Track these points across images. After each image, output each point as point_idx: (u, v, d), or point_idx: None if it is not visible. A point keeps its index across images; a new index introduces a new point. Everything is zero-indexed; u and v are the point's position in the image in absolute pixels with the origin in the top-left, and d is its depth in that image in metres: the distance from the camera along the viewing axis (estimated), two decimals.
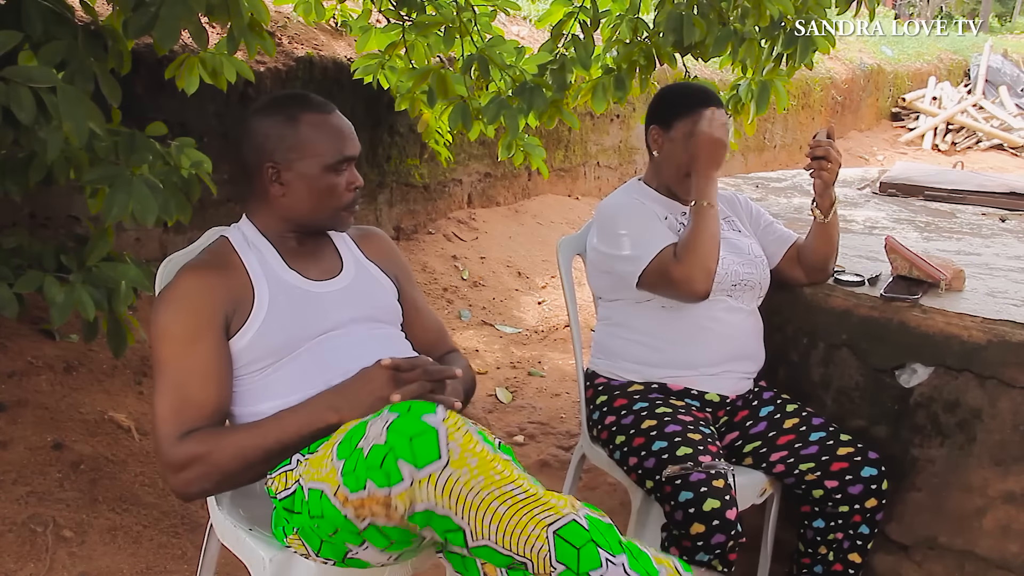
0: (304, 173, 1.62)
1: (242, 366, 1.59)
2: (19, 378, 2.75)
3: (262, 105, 1.66)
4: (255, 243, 1.67)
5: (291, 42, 4.15)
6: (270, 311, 1.60)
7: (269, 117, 1.63)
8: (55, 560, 2.12)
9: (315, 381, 1.57)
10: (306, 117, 1.62)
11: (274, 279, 1.64)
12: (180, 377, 1.53)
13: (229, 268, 1.62)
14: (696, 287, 1.95)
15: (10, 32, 1.84)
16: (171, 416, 1.51)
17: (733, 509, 1.80)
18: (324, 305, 1.66)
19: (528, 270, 5.05)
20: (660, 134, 2.12)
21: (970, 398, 1.96)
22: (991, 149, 10.19)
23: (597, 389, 2.13)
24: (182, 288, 1.58)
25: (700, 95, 2.10)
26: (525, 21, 6.20)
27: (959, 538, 2.03)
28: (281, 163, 1.62)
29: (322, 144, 1.61)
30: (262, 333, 1.58)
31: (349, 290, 1.71)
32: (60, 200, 3.20)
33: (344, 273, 1.73)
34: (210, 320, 1.56)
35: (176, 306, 1.57)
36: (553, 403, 3.56)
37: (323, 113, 1.63)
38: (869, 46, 10.91)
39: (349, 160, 1.65)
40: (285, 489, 1.49)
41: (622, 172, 6.59)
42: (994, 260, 2.47)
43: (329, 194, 1.64)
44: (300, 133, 1.61)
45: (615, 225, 2.07)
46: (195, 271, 1.61)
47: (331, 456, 1.38)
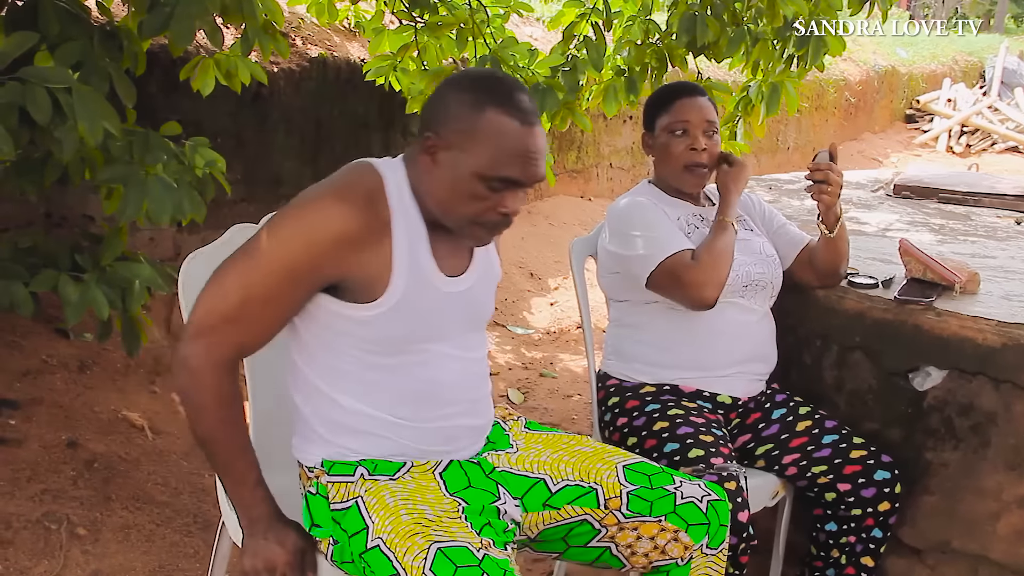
0: (455, 165, 1.42)
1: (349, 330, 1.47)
2: (34, 376, 2.77)
3: (469, 75, 1.50)
4: (406, 201, 1.47)
5: (305, 43, 4.16)
6: (400, 304, 1.45)
7: (460, 90, 1.43)
8: (69, 558, 2.14)
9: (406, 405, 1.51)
10: (493, 113, 1.39)
11: (414, 268, 1.46)
12: (252, 304, 1.40)
13: (378, 230, 1.43)
14: (707, 294, 1.95)
15: (26, 33, 1.85)
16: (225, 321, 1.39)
17: (745, 511, 1.80)
18: (443, 308, 1.52)
19: (540, 271, 5.05)
20: (649, 137, 2.15)
21: (984, 402, 1.95)
22: (1007, 151, 10.13)
23: (609, 391, 2.13)
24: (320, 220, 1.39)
25: (673, 89, 2.14)
26: (538, 22, 6.20)
27: (973, 542, 2.02)
28: (441, 140, 1.42)
29: (489, 149, 1.40)
30: (383, 322, 1.45)
31: (470, 292, 1.56)
32: (75, 200, 3.22)
33: (471, 271, 1.57)
34: (323, 274, 1.41)
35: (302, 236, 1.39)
36: (565, 404, 3.56)
37: (513, 119, 1.40)
38: (883, 47, 10.87)
39: (509, 182, 1.42)
40: (341, 501, 1.48)
41: (634, 173, 6.58)
42: (1009, 263, 2.46)
43: (468, 201, 1.43)
44: (476, 123, 1.40)
45: (627, 225, 2.07)
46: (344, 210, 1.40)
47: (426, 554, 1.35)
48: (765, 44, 3.13)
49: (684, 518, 1.58)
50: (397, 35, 3.21)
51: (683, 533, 1.58)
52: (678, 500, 1.59)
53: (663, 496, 1.59)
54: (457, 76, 1.49)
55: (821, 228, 2.08)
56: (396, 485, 1.49)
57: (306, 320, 1.49)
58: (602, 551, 1.61)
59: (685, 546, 1.59)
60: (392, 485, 1.48)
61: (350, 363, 1.49)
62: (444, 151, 1.42)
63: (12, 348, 2.85)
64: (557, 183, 5.94)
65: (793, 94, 3.29)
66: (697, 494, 1.61)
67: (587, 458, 1.63)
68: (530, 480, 1.59)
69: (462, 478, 1.54)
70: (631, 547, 1.60)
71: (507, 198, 1.43)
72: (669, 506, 1.58)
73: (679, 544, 1.59)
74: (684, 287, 1.96)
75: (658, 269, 1.99)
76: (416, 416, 1.52)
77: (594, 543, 1.61)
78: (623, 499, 1.58)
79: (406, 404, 1.51)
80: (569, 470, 1.60)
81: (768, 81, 3.29)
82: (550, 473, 1.60)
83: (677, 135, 2.07)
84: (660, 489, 1.59)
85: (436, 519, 1.43)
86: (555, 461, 1.62)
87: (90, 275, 2.16)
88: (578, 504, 1.58)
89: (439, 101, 1.45)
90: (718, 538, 1.61)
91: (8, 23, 1.98)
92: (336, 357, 1.50)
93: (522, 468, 1.60)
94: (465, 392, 1.57)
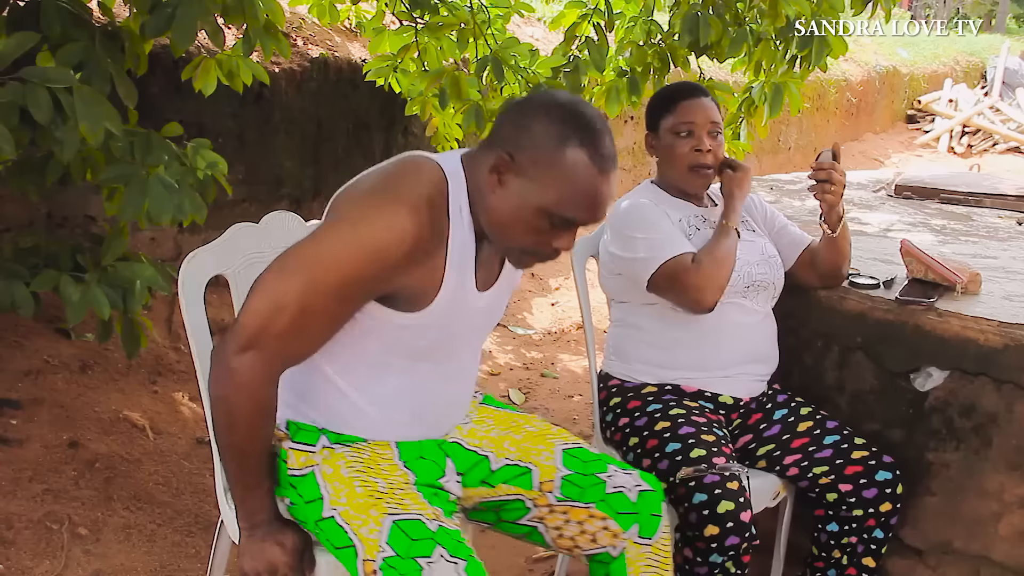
0: (523, 193, 1.38)
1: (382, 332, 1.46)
2: (35, 377, 2.77)
3: (562, 105, 1.40)
4: (464, 212, 1.44)
5: (306, 43, 4.16)
6: (436, 319, 1.44)
7: (550, 120, 1.37)
8: (70, 558, 2.14)
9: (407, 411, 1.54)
10: (576, 153, 1.35)
11: (460, 283, 1.45)
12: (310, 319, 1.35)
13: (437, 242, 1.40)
14: (706, 298, 1.95)
15: (27, 33, 1.86)
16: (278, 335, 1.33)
17: (747, 511, 1.80)
18: (470, 321, 1.53)
19: (541, 271, 5.05)
20: (652, 137, 2.14)
21: (986, 402, 1.95)
22: (1008, 151, 10.13)
23: (611, 391, 2.13)
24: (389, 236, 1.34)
25: (676, 90, 2.14)
26: (539, 22, 6.20)
27: (974, 543, 2.02)
28: (515, 164, 1.38)
29: (561, 187, 1.36)
30: (417, 331, 1.45)
31: (490, 306, 1.57)
32: (77, 200, 3.22)
33: (497, 285, 1.56)
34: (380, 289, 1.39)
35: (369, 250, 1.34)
36: (566, 405, 3.56)
37: (593, 163, 1.36)
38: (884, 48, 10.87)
39: (570, 223, 1.39)
40: (299, 468, 1.51)
41: (636, 174, 6.58)
42: (1011, 263, 2.46)
43: (526, 231, 1.40)
44: (556, 158, 1.36)
45: (629, 227, 2.06)
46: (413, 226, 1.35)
47: (381, 527, 1.39)
48: (768, 44, 3.13)
49: (613, 506, 1.60)
50: (397, 36, 3.20)
51: (611, 521, 1.60)
52: (608, 488, 1.61)
53: (595, 484, 1.61)
54: (549, 102, 1.41)
55: (823, 228, 2.08)
56: (351, 455, 1.52)
57: None
58: (531, 529, 1.65)
59: (615, 534, 1.61)
60: (348, 455, 1.51)
61: (363, 357, 1.50)
62: (515, 176, 1.38)
63: (14, 348, 2.85)
64: None
65: (796, 95, 3.29)
66: (628, 483, 1.62)
67: (530, 438, 1.66)
68: (476, 457, 1.63)
69: (415, 448, 1.57)
70: (559, 529, 1.62)
71: (564, 235, 1.42)
72: (599, 494, 1.60)
73: (608, 532, 1.61)
74: (684, 291, 1.96)
75: (658, 272, 1.99)
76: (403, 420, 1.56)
77: (524, 521, 1.64)
78: (556, 482, 1.61)
79: (400, 408, 1.54)
80: (512, 449, 1.63)
81: (771, 82, 3.29)
82: (494, 451, 1.63)
83: (682, 136, 2.07)
84: (592, 476, 1.61)
85: (389, 491, 1.46)
86: (500, 439, 1.65)
87: (91, 275, 2.16)
88: (513, 484, 1.62)
89: (523, 123, 1.39)
90: (650, 528, 1.62)
91: (10, 23, 1.99)
92: (351, 348, 1.48)
93: (470, 442, 1.64)
94: (455, 403, 1.63)
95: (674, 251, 1.98)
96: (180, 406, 2.92)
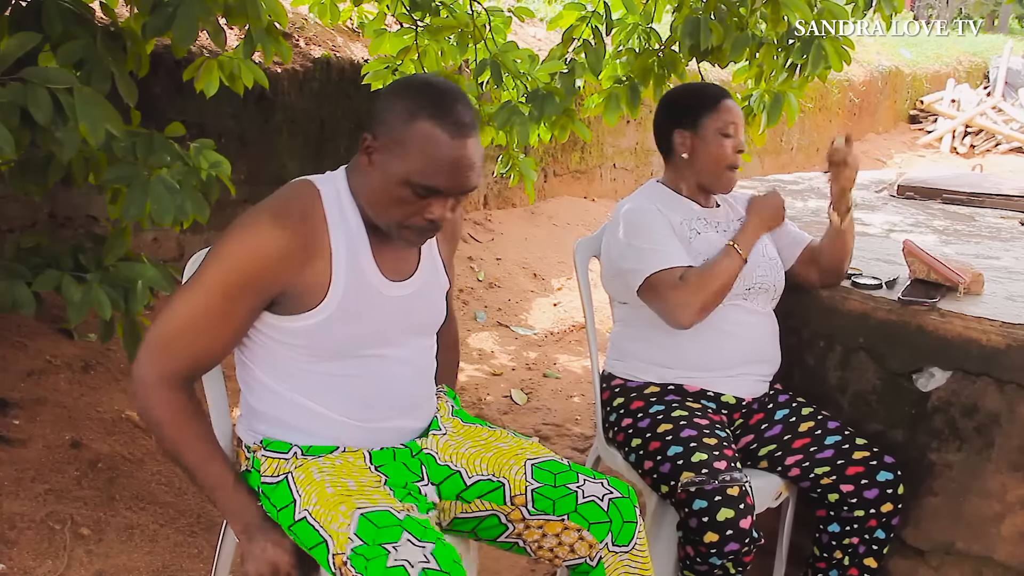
0: (386, 168, 1.46)
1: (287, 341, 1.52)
2: (38, 376, 2.77)
3: (410, 82, 1.50)
4: (346, 211, 1.53)
5: (308, 43, 4.17)
6: (338, 311, 1.50)
7: (400, 97, 1.46)
8: (73, 558, 2.14)
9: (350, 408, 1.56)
10: (425, 123, 1.42)
11: (354, 272, 1.51)
12: (206, 315, 1.46)
13: (314, 246, 1.48)
14: (684, 316, 1.95)
15: (28, 33, 1.85)
16: (172, 340, 1.47)
17: (748, 518, 1.80)
18: (388, 313, 1.56)
19: (544, 272, 5.05)
20: (688, 135, 2.10)
21: (988, 403, 1.95)
22: (1011, 152, 10.11)
23: (614, 391, 2.13)
24: (256, 242, 1.45)
25: (714, 90, 2.13)
26: (541, 22, 6.19)
27: (977, 544, 2.02)
28: (376, 143, 1.47)
29: (416, 157, 1.43)
30: (322, 329, 1.50)
31: (415, 296, 1.60)
32: (80, 200, 3.22)
33: (417, 274, 1.61)
34: (264, 289, 1.47)
35: (240, 256, 1.45)
36: (568, 405, 3.56)
37: (444, 131, 1.42)
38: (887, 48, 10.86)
39: (434, 191, 1.45)
40: (272, 475, 1.54)
41: (638, 174, 6.58)
42: (1013, 264, 2.45)
43: (395, 204, 1.47)
44: (408, 131, 1.43)
45: (628, 232, 2.06)
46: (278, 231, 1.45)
47: (350, 520, 1.40)
48: (769, 49, 3.12)
49: (585, 517, 1.61)
50: (397, 38, 3.20)
51: (586, 532, 1.61)
52: (579, 499, 1.61)
53: (565, 495, 1.61)
54: (401, 82, 1.51)
55: (832, 217, 2.09)
56: (324, 462, 1.55)
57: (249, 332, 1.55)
58: (512, 544, 1.67)
59: (590, 544, 1.61)
60: (320, 462, 1.54)
61: (293, 368, 1.55)
62: (378, 153, 1.47)
63: (16, 348, 2.85)
64: (560, 184, 5.94)
65: (794, 105, 3.29)
66: (598, 492, 1.62)
67: (501, 453, 1.66)
68: (448, 470, 1.64)
69: (388, 455, 1.60)
70: (538, 543, 1.64)
71: (434, 205, 1.47)
72: (571, 505, 1.61)
73: (584, 543, 1.61)
74: (664, 306, 1.98)
75: (645, 283, 1.99)
76: (359, 417, 1.57)
77: (503, 538, 1.66)
78: (528, 496, 1.61)
79: (351, 405, 1.56)
80: (483, 465, 1.64)
81: (770, 90, 3.29)
82: (466, 467, 1.65)
83: (727, 136, 2.07)
84: (563, 487, 1.62)
85: (359, 488, 1.48)
86: (472, 455, 1.66)
87: (93, 275, 2.16)
88: (487, 499, 1.63)
89: (382, 104, 1.49)
90: (625, 535, 1.62)
91: (12, 23, 1.99)
92: (280, 360, 1.55)
93: (443, 457, 1.66)
94: (409, 396, 1.63)
95: (663, 264, 1.98)
96: None
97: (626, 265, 2.04)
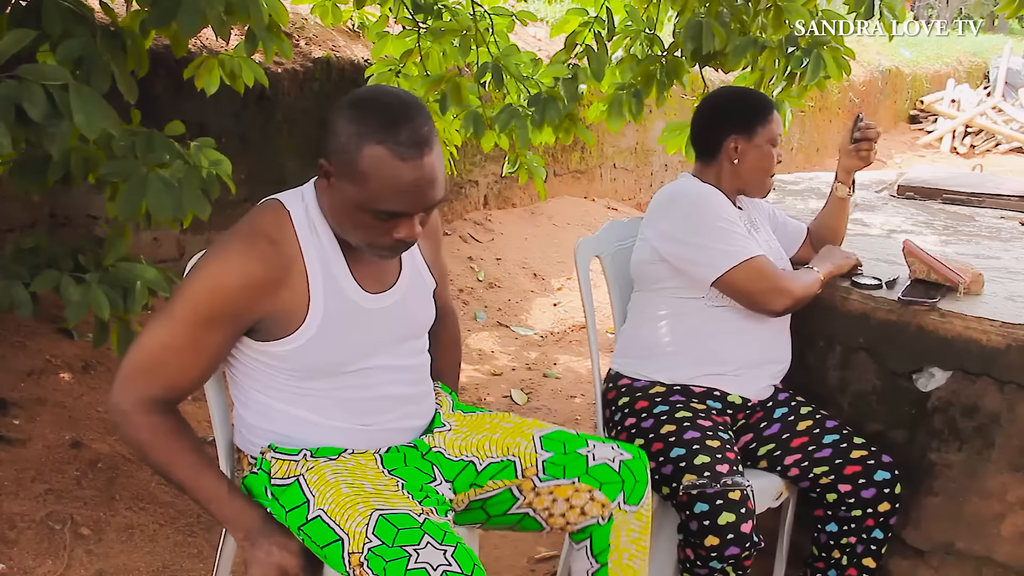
0: (343, 194, 1.42)
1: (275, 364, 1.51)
2: (38, 376, 2.77)
3: (357, 98, 1.43)
4: (318, 229, 1.50)
5: (309, 43, 4.17)
6: (320, 331, 1.48)
7: (346, 120, 1.40)
8: (73, 557, 2.14)
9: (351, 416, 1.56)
10: (371, 150, 1.37)
11: (332, 291, 1.49)
12: (175, 345, 1.45)
13: (286, 269, 1.46)
14: (783, 301, 1.98)
15: (24, 30, 1.85)
16: (143, 370, 1.46)
17: (749, 522, 1.80)
18: (372, 325, 1.54)
19: (544, 272, 5.05)
20: (743, 142, 2.09)
21: (988, 403, 1.95)
22: (1011, 152, 10.10)
23: (620, 390, 2.11)
24: (228, 270, 1.43)
25: (764, 99, 2.16)
26: (543, 23, 6.19)
27: (977, 544, 2.02)
28: (332, 168, 1.43)
29: (369, 185, 1.38)
30: (306, 351, 1.48)
31: (399, 305, 1.58)
32: (79, 200, 3.22)
33: (399, 284, 1.59)
34: (236, 317, 1.45)
35: (213, 284, 1.43)
36: (568, 405, 3.56)
37: (393, 155, 1.36)
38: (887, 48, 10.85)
39: (395, 215, 1.41)
40: (283, 477, 1.53)
41: (638, 174, 6.58)
42: (1013, 264, 2.45)
43: (360, 229, 1.45)
44: (357, 158, 1.38)
45: (708, 215, 2.02)
46: (246, 261, 1.43)
47: (368, 520, 1.39)
48: (771, 53, 3.12)
49: (597, 478, 1.62)
50: (400, 40, 3.20)
51: (597, 492, 1.62)
52: (590, 462, 1.63)
53: (576, 459, 1.63)
54: (347, 101, 1.43)
55: (839, 188, 2.22)
56: (337, 464, 1.54)
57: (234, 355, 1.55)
58: (522, 516, 1.66)
59: (602, 504, 1.62)
60: (333, 464, 1.54)
61: (286, 386, 1.54)
62: (335, 177, 1.43)
63: (16, 348, 2.85)
64: (560, 184, 5.93)
65: (788, 114, 3.30)
66: (609, 455, 1.64)
67: (507, 433, 1.68)
68: (460, 464, 1.65)
69: (399, 458, 1.60)
70: (548, 509, 1.64)
71: (399, 226, 1.43)
72: (582, 468, 1.62)
73: (596, 503, 1.63)
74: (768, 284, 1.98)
75: (743, 265, 1.96)
76: (359, 422, 1.57)
77: (513, 510, 1.66)
78: (539, 467, 1.63)
79: (351, 415, 1.56)
80: (492, 448, 1.66)
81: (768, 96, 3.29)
82: (476, 455, 1.66)
83: (775, 146, 2.11)
84: (573, 453, 1.63)
85: (376, 491, 1.48)
86: (480, 442, 1.67)
87: (92, 275, 2.16)
88: (499, 478, 1.64)
89: (330, 126, 1.43)
90: (636, 495, 1.64)
91: (11, 22, 1.99)
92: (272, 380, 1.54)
93: (452, 452, 1.66)
94: (407, 398, 1.63)
95: (757, 250, 2.00)
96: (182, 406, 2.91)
97: (717, 247, 1.99)
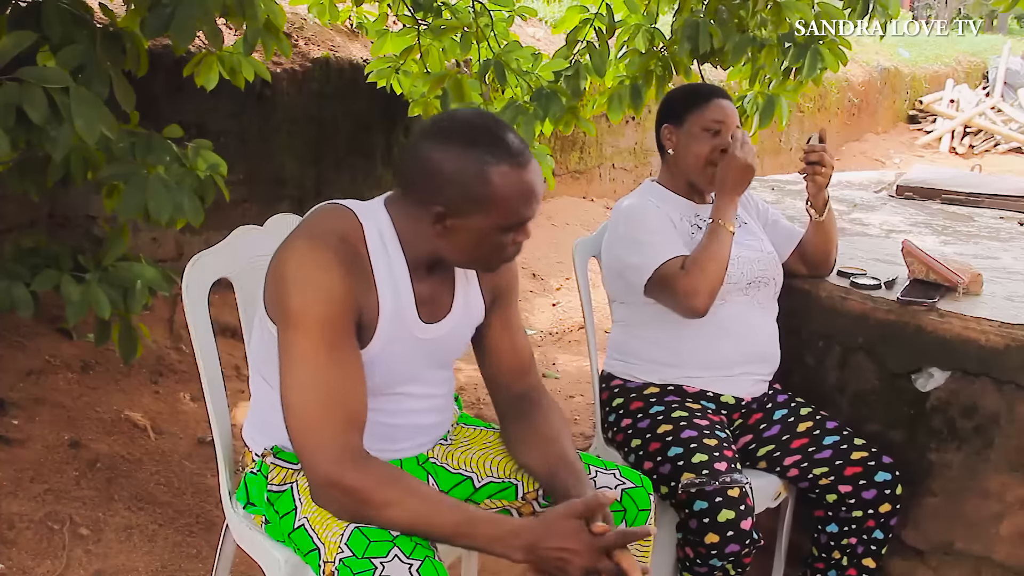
0: (476, 228, 1.40)
1: None
2: (37, 376, 2.77)
3: (445, 131, 1.40)
4: (389, 249, 1.46)
5: (307, 43, 4.16)
6: (381, 354, 1.45)
7: (454, 155, 1.37)
8: (71, 558, 2.14)
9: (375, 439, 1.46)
10: (498, 170, 1.36)
11: (397, 315, 1.46)
12: (328, 374, 1.34)
13: (362, 272, 1.41)
14: (697, 303, 1.94)
15: (24, 32, 1.85)
16: (320, 422, 1.34)
17: (748, 519, 1.80)
18: (415, 354, 1.52)
19: (543, 272, 5.04)
20: (673, 130, 2.11)
21: (987, 403, 1.95)
22: (1009, 152, 10.10)
23: (613, 391, 2.13)
24: (315, 270, 1.35)
25: (708, 89, 2.14)
26: (541, 23, 6.20)
27: (976, 544, 2.02)
28: (453, 212, 1.38)
29: (507, 205, 1.38)
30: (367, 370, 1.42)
31: (445, 338, 1.56)
32: (79, 200, 3.22)
33: (450, 316, 1.56)
34: (350, 315, 1.38)
35: (314, 290, 1.34)
36: (567, 405, 3.55)
37: (517, 167, 1.37)
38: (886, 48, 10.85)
39: (524, 222, 1.43)
40: (279, 484, 1.54)
41: (637, 174, 6.58)
42: (1012, 264, 2.46)
43: (493, 251, 1.44)
44: (487, 189, 1.36)
45: (627, 229, 2.07)
46: (328, 253, 1.37)
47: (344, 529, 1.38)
48: (770, 50, 3.13)
49: None
50: (400, 37, 3.21)
51: None
52: None
53: None
54: (442, 138, 1.39)
55: (811, 213, 2.13)
56: None
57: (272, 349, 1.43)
58: None
59: None
60: None
61: None
62: (455, 218, 1.39)
63: (15, 348, 2.85)
64: (559, 184, 5.93)
65: (785, 110, 3.30)
66: (610, 483, 1.62)
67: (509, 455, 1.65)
68: (458, 477, 1.64)
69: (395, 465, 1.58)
70: None
71: (521, 231, 1.45)
72: None
73: None
74: (675, 296, 1.97)
75: (652, 277, 1.99)
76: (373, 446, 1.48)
77: None
78: (540, 491, 1.61)
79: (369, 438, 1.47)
80: (493, 468, 1.64)
81: (763, 92, 3.30)
82: (476, 471, 1.65)
83: (711, 133, 2.06)
84: None
85: None
86: (481, 458, 1.66)
87: (92, 275, 2.16)
88: (498, 498, 1.63)
89: (431, 169, 1.38)
90: (639, 523, 1.61)
91: (11, 24, 1.99)
92: None
93: (451, 465, 1.65)
94: (426, 428, 1.63)
95: (667, 255, 1.98)
96: (181, 406, 2.93)
97: (631, 261, 2.03)
